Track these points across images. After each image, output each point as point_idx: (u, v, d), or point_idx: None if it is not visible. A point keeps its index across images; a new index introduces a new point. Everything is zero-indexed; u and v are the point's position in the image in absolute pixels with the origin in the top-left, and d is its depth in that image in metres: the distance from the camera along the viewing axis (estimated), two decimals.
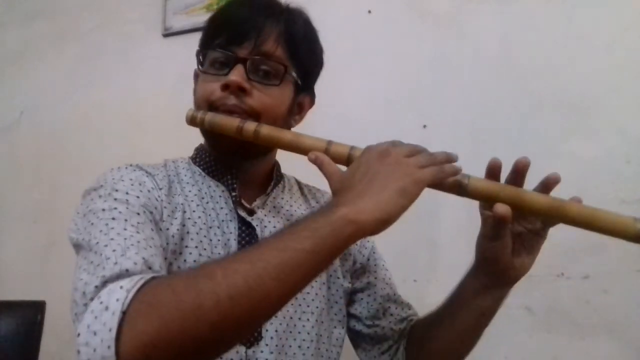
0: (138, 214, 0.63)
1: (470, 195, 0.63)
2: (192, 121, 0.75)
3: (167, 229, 0.69)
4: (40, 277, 1.71)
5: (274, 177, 0.85)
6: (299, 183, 0.93)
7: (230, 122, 0.72)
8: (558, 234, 1.23)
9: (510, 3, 1.33)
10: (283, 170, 0.91)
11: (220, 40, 0.75)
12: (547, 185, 0.65)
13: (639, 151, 1.17)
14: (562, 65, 1.26)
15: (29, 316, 1.11)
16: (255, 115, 0.73)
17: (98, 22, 1.89)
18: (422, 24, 1.42)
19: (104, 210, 0.62)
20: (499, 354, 1.18)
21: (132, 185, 0.68)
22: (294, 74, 0.76)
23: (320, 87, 0.84)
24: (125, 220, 0.60)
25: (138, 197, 0.66)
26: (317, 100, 0.87)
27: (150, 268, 0.55)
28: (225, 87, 0.72)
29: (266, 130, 0.71)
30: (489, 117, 1.32)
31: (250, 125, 0.71)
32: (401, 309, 0.88)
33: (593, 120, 1.22)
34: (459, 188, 0.62)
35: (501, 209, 0.61)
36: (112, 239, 0.57)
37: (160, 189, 0.72)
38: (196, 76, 0.81)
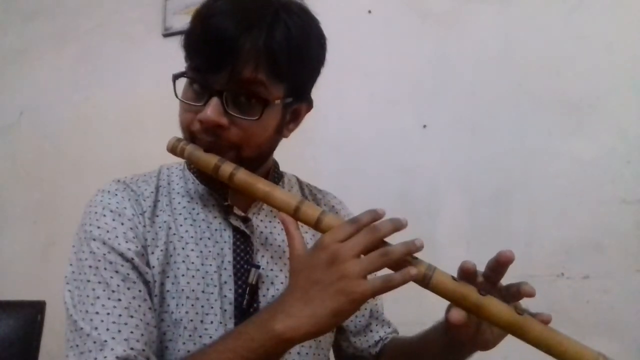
0: (117, 271, 0.66)
1: (431, 290, 0.60)
2: (172, 150, 0.72)
3: (152, 252, 0.70)
4: (40, 277, 1.71)
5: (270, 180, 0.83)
6: (300, 182, 0.91)
7: (208, 160, 0.69)
8: (558, 233, 1.24)
9: (511, 3, 1.33)
10: (286, 168, 0.89)
11: (196, 64, 0.69)
12: (520, 293, 0.60)
13: (639, 151, 1.17)
14: (562, 65, 1.26)
15: (29, 316, 1.11)
16: (235, 147, 0.70)
17: (98, 22, 1.89)
18: (422, 24, 1.42)
19: (90, 267, 0.66)
20: (498, 354, 1.18)
21: (113, 221, 0.70)
22: (277, 102, 0.70)
23: (320, 87, 0.83)
24: (107, 283, 0.65)
25: (113, 248, 0.67)
26: (317, 100, 0.86)
27: (126, 359, 0.60)
28: (201, 122, 0.68)
29: (241, 176, 0.68)
30: (489, 117, 1.32)
31: (227, 167, 0.68)
32: (381, 327, 0.89)
33: (593, 120, 1.22)
34: (422, 281, 0.59)
35: (455, 316, 0.58)
36: (94, 317, 0.63)
37: (143, 212, 0.73)
38: (174, 80, 0.75)
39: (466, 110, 1.34)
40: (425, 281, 0.59)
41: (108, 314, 0.63)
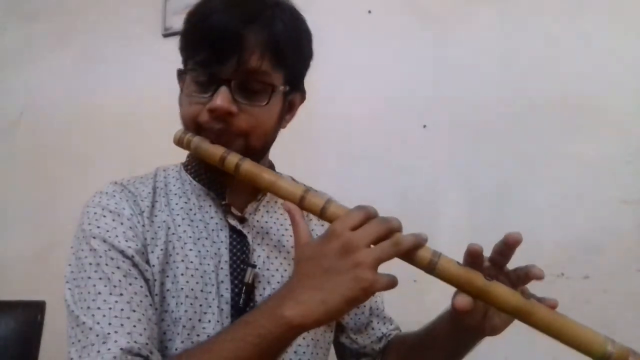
0: (118, 267, 0.66)
1: (436, 276, 0.60)
2: (179, 142, 0.75)
3: (152, 251, 0.71)
4: (40, 277, 1.71)
5: None
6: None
7: (215, 151, 0.71)
8: (558, 234, 1.24)
9: (511, 4, 1.33)
10: (285, 168, 0.89)
11: (201, 58, 0.71)
12: (528, 276, 0.61)
13: (639, 151, 1.17)
14: (562, 66, 1.26)
15: (29, 316, 1.11)
16: (244, 134, 0.72)
17: (98, 22, 1.89)
18: (422, 24, 1.42)
19: (90, 264, 0.67)
20: (499, 354, 1.18)
21: (113, 221, 0.70)
22: (281, 88, 0.73)
23: (321, 87, 0.83)
24: (109, 279, 0.65)
25: (113, 246, 0.68)
26: (317, 99, 0.86)
27: (129, 351, 0.60)
28: (212, 111, 0.70)
29: (247, 166, 0.70)
30: (488, 117, 1.32)
31: (233, 158, 0.70)
32: (382, 323, 0.89)
33: (593, 120, 1.22)
34: (427, 267, 0.60)
35: (461, 301, 0.59)
36: (96, 313, 0.63)
37: (142, 212, 0.74)
38: (180, 75, 0.79)
39: (466, 111, 1.34)
40: (430, 267, 0.59)
41: (110, 308, 0.63)
